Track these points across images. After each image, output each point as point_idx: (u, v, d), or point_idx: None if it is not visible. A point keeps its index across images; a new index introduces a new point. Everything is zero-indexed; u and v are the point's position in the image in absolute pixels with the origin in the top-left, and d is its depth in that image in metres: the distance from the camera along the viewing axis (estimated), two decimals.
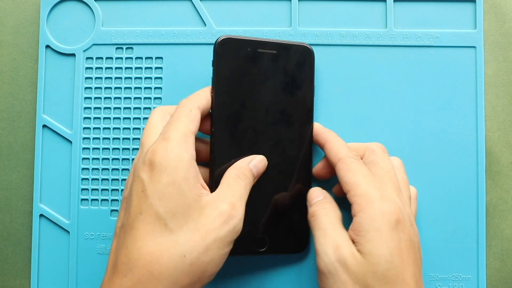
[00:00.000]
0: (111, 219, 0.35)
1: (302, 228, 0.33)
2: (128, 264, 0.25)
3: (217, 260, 0.26)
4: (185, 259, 0.25)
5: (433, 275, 0.34)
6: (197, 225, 0.26)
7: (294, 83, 0.32)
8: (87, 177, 0.36)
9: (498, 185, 0.36)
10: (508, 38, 0.37)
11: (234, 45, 0.31)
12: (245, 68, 0.31)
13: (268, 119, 0.31)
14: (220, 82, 0.30)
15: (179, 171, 0.26)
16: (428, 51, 0.36)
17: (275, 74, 0.31)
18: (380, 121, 0.35)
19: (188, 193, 0.26)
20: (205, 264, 0.26)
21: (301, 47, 0.32)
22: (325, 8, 0.36)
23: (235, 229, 0.27)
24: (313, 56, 0.33)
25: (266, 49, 0.31)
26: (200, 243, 0.26)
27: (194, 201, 0.26)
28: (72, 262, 0.35)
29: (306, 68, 0.32)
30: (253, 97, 0.31)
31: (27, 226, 0.36)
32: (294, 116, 0.32)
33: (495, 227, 0.36)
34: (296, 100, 0.32)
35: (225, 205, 0.27)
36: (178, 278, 0.25)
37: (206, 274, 0.26)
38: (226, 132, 0.30)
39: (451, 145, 0.35)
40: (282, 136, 0.32)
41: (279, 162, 0.32)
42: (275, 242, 0.32)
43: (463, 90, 0.35)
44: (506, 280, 0.35)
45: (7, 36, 0.37)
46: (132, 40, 0.36)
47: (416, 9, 0.36)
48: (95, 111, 0.36)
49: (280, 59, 0.32)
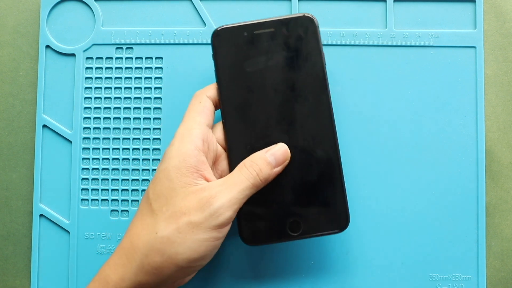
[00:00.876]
0: (111, 219, 0.35)
1: (340, 203, 0.31)
2: (123, 237, 0.29)
3: (190, 244, 0.27)
4: (156, 236, 0.27)
5: (433, 275, 0.34)
6: (174, 208, 0.27)
7: (300, 56, 0.31)
8: (87, 177, 0.36)
9: (498, 185, 0.36)
10: (508, 38, 0.36)
11: (230, 33, 0.30)
12: (245, 53, 0.30)
13: (278, 99, 0.31)
14: (223, 73, 0.30)
15: (172, 160, 0.28)
16: (428, 51, 0.36)
17: (278, 52, 0.31)
18: (380, 121, 0.35)
19: (175, 179, 0.28)
20: (176, 245, 0.27)
21: (300, 19, 0.31)
22: (325, 8, 0.36)
23: (212, 216, 0.27)
24: (315, 24, 0.31)
25: (263, 29, 0.31)
26: (173, 223, 0.27)
27: (180, 187, 0.28)
28: (72, 262, 0.35)
29: (310, 37, 0.31)
30: (259, 80, 0.30)
31: (27, 226, 0.36)
32: (306, 89, 0.31)
33: (495, 227, 0.36)
34: (306, 73, 0.31)
35: (206, 192, 0.27)
36: (149, 253, 0.27)
37: (180, 257, 0.27)
38: (237, 121, 0.30)
39: (451, 145, 0.35)
40: (297, 113, 0.30)
41: (299, 139, 0.30)
42: (309, 223, 0.30)
43: (463, 90, 0.35)
44: (506, 280, 0.35)
45: (7, 36, 0.37)
46: (132, 40, 0.36)
47: (416, 9, 0.36)
48: (95, 111, 0.36)
49: (279, 36, 0.31)
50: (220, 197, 0.27)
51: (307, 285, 0.35)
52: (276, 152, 0.30)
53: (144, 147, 0.36)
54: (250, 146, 0.30)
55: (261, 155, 0.29)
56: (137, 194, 0.36)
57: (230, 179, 0.28)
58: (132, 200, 0.35)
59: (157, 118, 0.36)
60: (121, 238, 0.35)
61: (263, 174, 0.29)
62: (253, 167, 0.29)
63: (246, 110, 0.30)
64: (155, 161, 0.36)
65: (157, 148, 0.36)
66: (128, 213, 0.35)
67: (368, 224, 0.35)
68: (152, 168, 0.36)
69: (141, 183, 0.36)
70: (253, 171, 0.29)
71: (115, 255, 0.28)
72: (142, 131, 0.36)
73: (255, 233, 0.30)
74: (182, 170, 0.28)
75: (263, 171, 0.29)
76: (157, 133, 0.36)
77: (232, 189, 0.28)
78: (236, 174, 0.29)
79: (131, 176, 0.36)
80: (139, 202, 0.35)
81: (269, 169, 0.29)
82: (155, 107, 0.36)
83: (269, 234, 0.30)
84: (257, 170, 0.29)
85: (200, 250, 0.27)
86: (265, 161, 0.29)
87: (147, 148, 0.36)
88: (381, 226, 0.35)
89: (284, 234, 0.30)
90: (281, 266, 0.35)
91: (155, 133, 0.36)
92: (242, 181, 0.28)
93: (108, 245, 0.35)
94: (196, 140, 0.29)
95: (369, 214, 0.35)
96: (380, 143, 0.35)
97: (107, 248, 0.35)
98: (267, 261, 0.35)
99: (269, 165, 0.29)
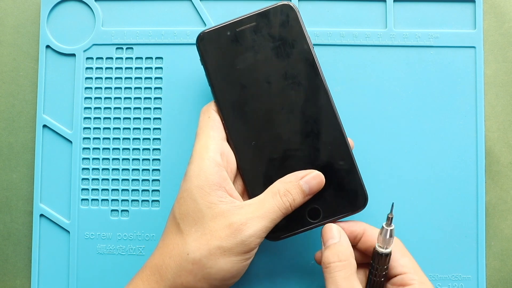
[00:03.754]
0: (111, 219, 0.35)
1: (354, 181, 0.30)
2: (154, 252, 0.29)
3: (222, 266, 0.27)
4: (188, 257, 0.27)
5: (433, 275, 0.34)
6: (204, 230, 0.27)
7: (286, 44, 0.31)
8: (87, 177, 0.36)
9: (497, 185, 0.36)
10: (507, 38, 0.37)
11: (213, 36, 0.31)
12: (232, 52, 0.31)
13: (273, 90, 0.31)
14: (215, 76, 0.30)
15: (194, 180, 0.28)
16: (428, 51, 0.36)
17: (264, 44, 0.31)
18: (380, 121, 0.35)
19: (200, 200, 0.28)
20: (208, 267, 0.27)
21: (279, 7, 0.31)
22: (325, 8, 0.36)
23: (243, 243, 0.27)
24: (294, 10, 0.31)
25: (245, 25, 0.31)
26: (204, 246, 0.27)
27: (206, 208, 0.27)
28: (72, 262, 0.35)
29: (292, 24, 0.31)
30: (251, 76, 0.31)
31: (27, 226, 0.36)
32: (299, 75, 0.30)
33: (495, 227, 0.36)
34: (295, 60, 0.31)
35: (237, 217, 0.27)
36: (182, 273, 0.27)
37: (212, 277, 0.27)
38: (237, 119, 0.30)
39: (451, 145, 0.35)
40: (294, 100, 0.31)
41: (302, 125, 0.30)
42: (328, 208, 0.30)
43: (462, 90, 0.35)
44: (506, 280, 0.35)
45: (7, 36, 0.37)
46: (132, 40, 0.36)
47: (416, 9, 0.36)
48: (95, 111, 0.36)
49: (262, 28, 0.31)
50: (251, 226, 0.27)
51: (307, 285, 0.35)
52: (311, 182, 0.29)
53: (144, 147, 0.36)
54: (255, 142, 0.30)
55: (295, 184, 0.29)
56: (137, 194, 0.36)
57: (262, 207, 0.28)
58: (132, 200, 0.36)
59: (157, 118, 0.36)
60: (121, 238, 0.35)
61: (296, 203, 0.28)
62: (287, 197, 0.28)
63: (244, 108, 0.30)
64: (155, 161, 0.36)
65: (157, 148, 0.36)
66: (128, 213, 0.35)
67: None
68: (152, 168, 0.36)
69: (141, 183, 0.36)
70: (287, 202, 0.28)
71: (147, 269, 0.29)
72: (142, 131, 0.36)
73: (277, 227, 0.29)
74: (206, 190, 0.28)
75: (296, 201, 0.28)
76: (157, 133, 0.36)
77: (263, 218, 0.28)
78: (268, 201, 0.28)
79: (131, 176, 0.36)
80: (139, 202, 0.35)
81: (302, 198, 0.29)
82: (155, 107, 0.36)
83: (290, 226, 0.30)
84: (291, 201, 0.28)
85: (232, 270, 0.27)
86: (300, 190, 0.29)
87: (147, 148, 0.36)
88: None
89: (305, 223, 0.30)
90: (281, 266, 0.35)
91: (155, 133, 0.36)
92: (275, 211, 0.28)
93: (108, 245, 0.35)
94: (215, 156, 0.28)
95: (369, 214, 0.35)
96: (379, 143, 0.35)
97: (107, 248, 0.35)
98: (267, 260, 0.35)
99: (303, 194, 0.29)
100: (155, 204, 0.35)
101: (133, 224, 0.35)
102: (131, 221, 0.35)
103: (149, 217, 0.35)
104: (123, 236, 0.35)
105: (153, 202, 0.35)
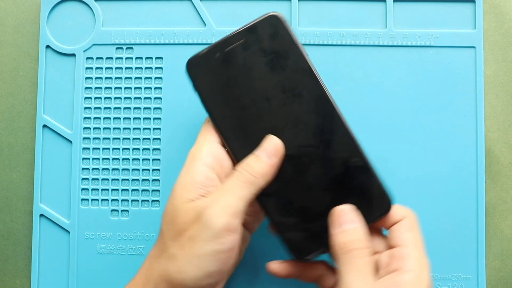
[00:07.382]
0: (111, 219, 0.35)
1: (374, 185, 0.29)
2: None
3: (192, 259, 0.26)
4: (164, 255, 0.27)
5: (433, 275, 0.34)
6: (178, 225, 0.27)
7: (279, 56, 0.29)
8: (87, 177, 0.36)
9: (497, 185, 0.36)
10: (507, 38, 0.37)
11: (202, 61, 0.29)
12: (225, 73, 0.29)
13: (273, 107, 0.29)
14: (210, 101, 0.29)
15: (180, 179, 0.28)
16: (428, 51, 0.36)
17: (256, 60, 0.29)
18: (380, 121, 0.35)
19: (178, 196, 0.27)
20: (180, 264, 0.26)
21: (265, 21, 0.29)
22: (325, 8, 0.36)
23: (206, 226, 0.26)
24: (281, 20, 0.29)
25: (233, 44, 0.29)
26: (176, 241, 0.27)
27: (181, 203, 0.27)
28: (72, 262, 0.35)
29: (282, 34, 0.29)
30: (248, 95, 0.29)
31: (27, 226, 0.37)
32: (298, 86, 0.29)
33: (495, 227, 0.36)
34: (291, 71, 0.29)
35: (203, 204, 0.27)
36: (162, 273, 0.27)
37: (185, 275, 0.26)
38: (241, 143, 0.29)
39: (451, 145, 0.35)
40: (296, 113, 0.29)
41: (309, 138, 0.29)
42: None
43: (462, 90, 0.35)
44: (506, 280, 0.35)
45: (7, 36, 0.37)
46: (132, 40, 0.36)
47: (416, 9, 0.36)
48: (95, 111, 0.36)
49: (252, 44, 0.29)
50: (213, 205, 0.26)
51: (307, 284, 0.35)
52: (263, 145, 0.28)
53: (144, 147, 0.36)
54: None
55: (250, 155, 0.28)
56: (137, 194, 0.36)
57: (224, 186, 0.27)
58: (132, 200, 0.36)
59: (157, 118, 0.36)
60: (121, 238, 0.35)
61: (255, 169, 0.28)
62: (243, 167, 0.28)
63: (247, 130, 0.29)
64: (155, 161, 0.36)
65: (157, 148, 0.36)
66: (128, 213, 0.35)
67: None
68: (152, 168, 0.36)
69: (141, 183, 0.36)
70: (243, 170, 0.28)
71: (138, 274, 0.29)
72: (142, 131, 0.36)
73: (303, 244, 0.29)
74: (187, 187, 0.27)
75: (253, 166, 0.28)
76: (157, 133, 0.36)
77: (225, 194, 0.27)
78: (228, 179, 0.28)
79: (131, 176, 0.36)
80: (139, 202, 0.36)
81: (260, 162, 0.28)
82: (155, 107, 0.36)
83: (317, 242, 0.29)
84: (247, 168, 0.28)
85: (203, 266, 0.26)
86: (254, 156, 0.28)
87: (147, 148, 0.36)
88: None
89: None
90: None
91: (155, 133, 0.36)
92: (235, 183, 0.27)
93: (108, 245, 0.35)
94: (205, 157, 0.28)
95: None
96: (379, 142, 0.35)
97: (107, 248, 0.35)
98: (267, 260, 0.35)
99: (257, 158, 0.28)
100: (155, 204, 0.35)
101: (133, 224, 0.35)
102: (131, 221, 0.35)
103: (149, 217, 0.35)
104: (123, 236, 0.35)
105: (153, 202, 0.35)
